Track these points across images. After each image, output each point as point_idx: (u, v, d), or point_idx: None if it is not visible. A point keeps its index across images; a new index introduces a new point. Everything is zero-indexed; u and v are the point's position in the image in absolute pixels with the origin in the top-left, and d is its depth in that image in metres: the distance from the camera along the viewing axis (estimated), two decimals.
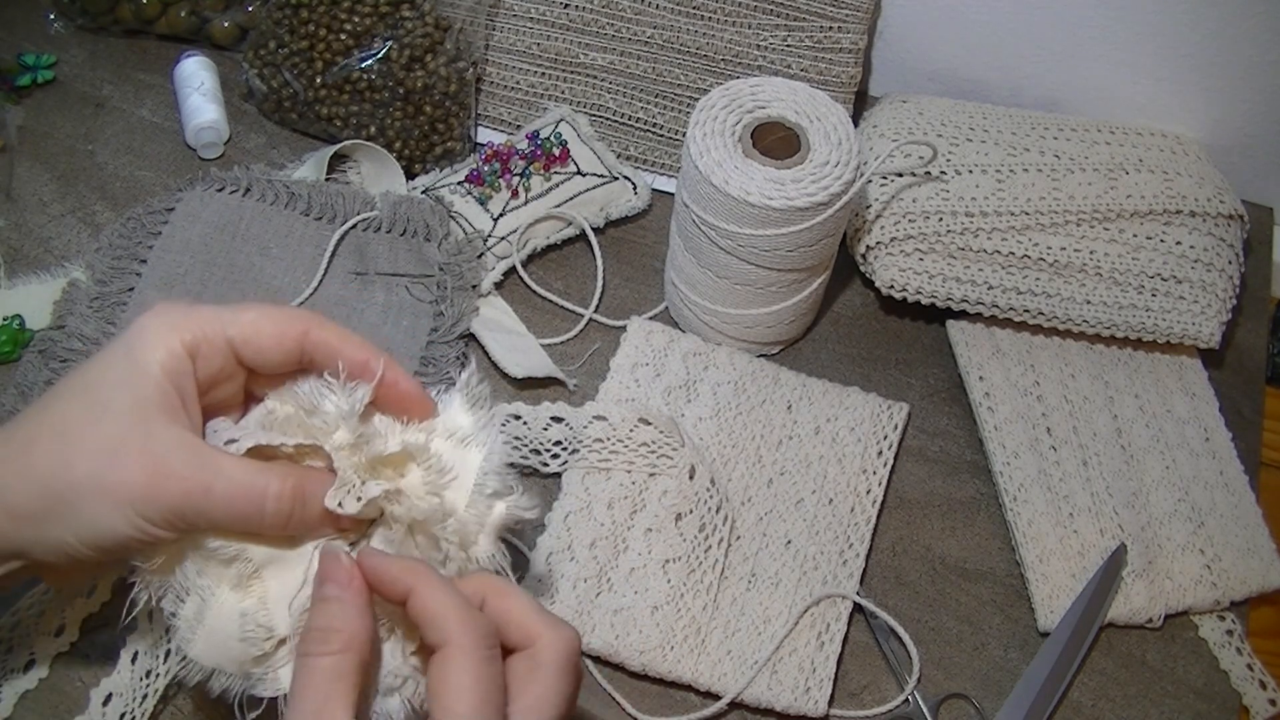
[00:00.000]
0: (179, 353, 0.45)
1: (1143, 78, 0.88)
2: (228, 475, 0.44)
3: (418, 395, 0.48)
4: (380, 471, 0.46)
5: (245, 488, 0.44)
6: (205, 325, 0.46)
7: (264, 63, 0.86)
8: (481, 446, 0.47)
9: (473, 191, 0.83)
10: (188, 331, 0.46)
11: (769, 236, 0.70)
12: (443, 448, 0.47)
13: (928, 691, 0.69)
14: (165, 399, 0.45)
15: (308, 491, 0.45)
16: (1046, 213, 0.78)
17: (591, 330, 0.82)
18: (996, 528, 0.76)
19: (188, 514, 0.44)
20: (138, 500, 0.43)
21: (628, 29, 0.88)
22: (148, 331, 0.46)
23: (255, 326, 0.47)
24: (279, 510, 0.44)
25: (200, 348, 0.46)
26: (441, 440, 0.47)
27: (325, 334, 0.47)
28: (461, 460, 0.46)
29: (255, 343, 0.47)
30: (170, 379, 0.45)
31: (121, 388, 0.45)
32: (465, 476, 0.46)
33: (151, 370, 0.45)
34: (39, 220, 0.83)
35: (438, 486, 0.45)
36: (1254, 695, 0.70)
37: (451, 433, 0.47)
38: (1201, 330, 0.78)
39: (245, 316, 0.47)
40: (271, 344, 0.47)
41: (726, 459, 0.74)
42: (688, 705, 0.68)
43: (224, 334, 0.47)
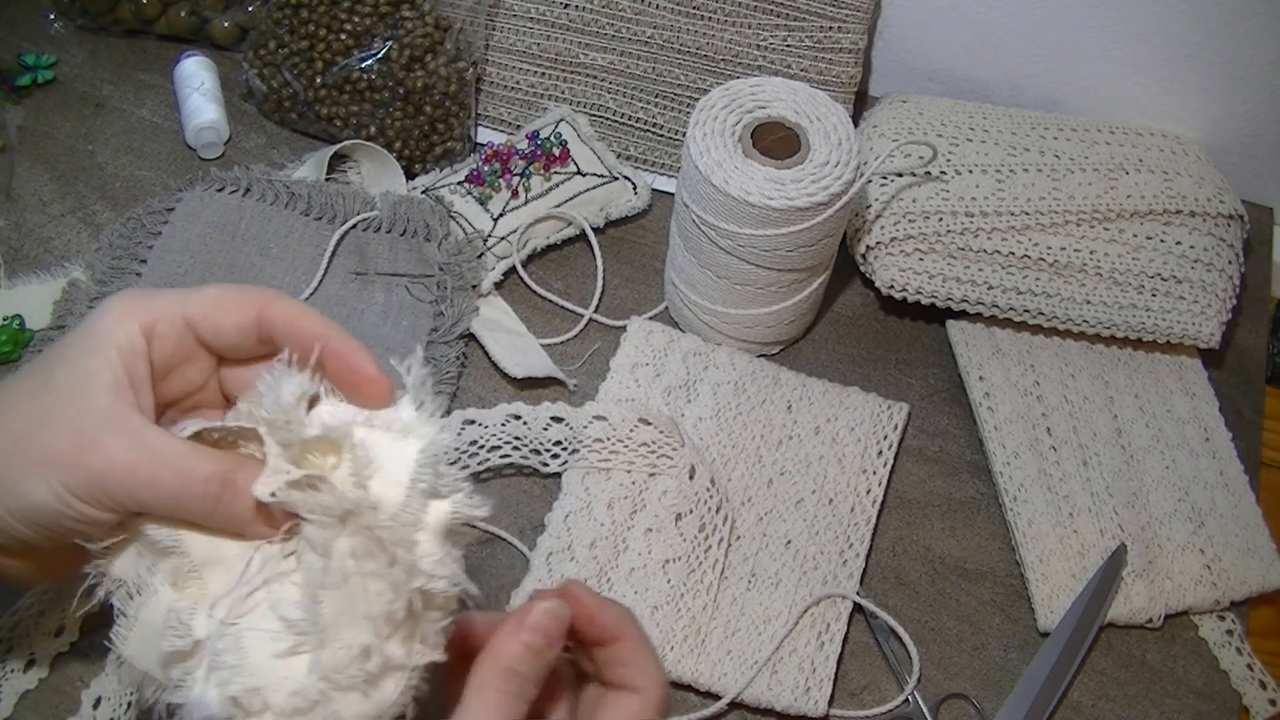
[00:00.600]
0: (134, 333, 0.45)
1: (1143, 78, 0.88)
2: (158, 453, 0.43)
3: (373, 376, 0.46)
4: (310, 462, 0.44)
5: (174, 469, 0.43)
6: (163, 305, 0.46)
7: (264, 63, 0.86)
8: (420, 439, 0.44)
9: (473, 191, 0.83)
10: (146, 313, 0.46)
11: (769, 236, 0.70)
12: (376, 439, 0.44)
13: (928, 691, 0.69)
14: (113, 376, 0.44)
15: (239, 480, 0.44)
16: (1046, 213, 0.78)
17: (591, 330, 0.82)
18: (996, 528, 0.76)
19: (113, 489, 0.43)
20: (61, 469, 0.42)
21: (628, 29, 0.88)
22: (106, 314, 0.45)
23: (213, 303, 0.46)
24: (206, 494, 0.43)
25: (156, 327, 0.46)
26: (380, 432, 0.45)
27: (281, 308, 0.46)
28: (396, 453, 0.44)
29: (213, 319, 0.46)
30: (122, 357, 0.44)
31: (70, 364, 0.45)
32: (400, 471, 0.43)
33: (104, 349, 0.44)
34: (39, 220, 0.83)
35: (362, 476, 0.43)
36: (1254, 695, 0.70)
37: (391, 425, 0.45)
38: (1201, 330, 0.78)
39: (204, 293, 0.47)
40: (228, 320, 0.46)
41: (726, 459, 0.74)
42: (688, 705, 0.68)
43: (181, 312, 0.46)
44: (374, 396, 0.46)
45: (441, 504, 0.43)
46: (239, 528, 0.44)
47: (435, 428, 0.44)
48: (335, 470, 0.43)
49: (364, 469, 0.43)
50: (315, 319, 0.46)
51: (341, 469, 0.43)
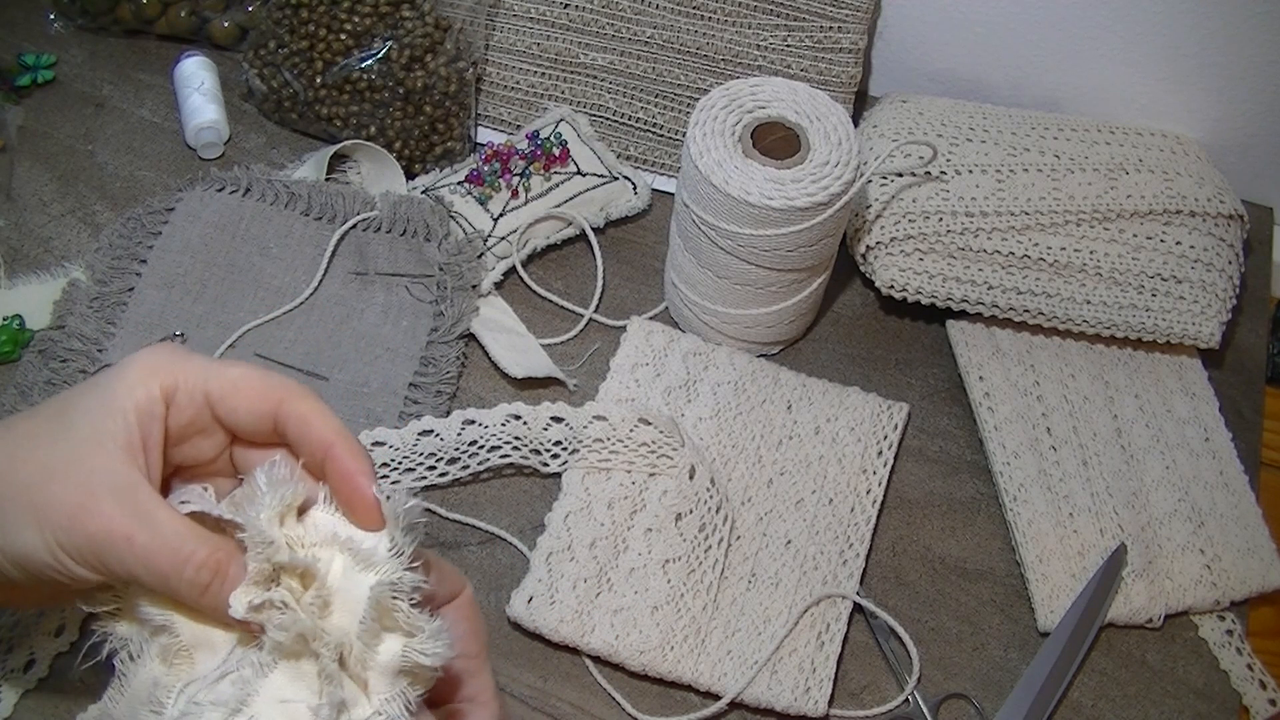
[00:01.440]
0: (154, 395, 0.44)
1: (1143, 78, 0.88)
2: (156, 528, 0.42)
3: (367, 500, 0.44)
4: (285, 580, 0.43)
5: (170, 547, 0.42)
6: (187, 373, 0.45)
7: (264, 63, 0.86)
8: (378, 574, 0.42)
9: (473, 191, 0.83)
10: (169, 376, 0.45)
11: (769, 236, 0.70)
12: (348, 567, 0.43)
13: (928, 691, 0.69)
14: (127, 437, 0.43)
15: (231, 571, 0.42)
16: (1046, 213, 0.78)
17: (591, 330, 0.82)
18: (996, 528, 0.76)
19: (106, 557, 0.42)
20: (59, 527, 0.42)
21: (628, 29, 0.88)
22: (131, 367, 0.45)
23: (234, 384, 0.46)
24: (195, 581, 0.42)
25: (177, 395, 0.45)
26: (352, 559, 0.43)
27: (299, 407, 0.45)
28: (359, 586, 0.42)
29: (231, 400, 0.45)
30: (139, 418, 0.44)
31: (88, 415, 0.44)
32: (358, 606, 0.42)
33: (122, 405, 0.44)
34: (39, 220, 0.83)
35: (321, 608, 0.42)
36: (1254, 695, 0.70)
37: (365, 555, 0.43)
38: (1201, 330, 0.78)
39: (229, 372, 0.46)
40: (245, 405, 0.46)
41: (726, 459, 0.74)
42: (688, 705, 0.68)
43: (203, 385, 0.45)
44: (364, 520, 0.44)
45: (394, 644, 0.42)
46: (222, 618, 0.43)
47: (399, 565, 0.42)
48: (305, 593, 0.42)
49: (325, 603, 0.42)
50: (329, 424, 0.45)
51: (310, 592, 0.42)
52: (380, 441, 0.71)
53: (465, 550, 0.72)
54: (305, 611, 0.41)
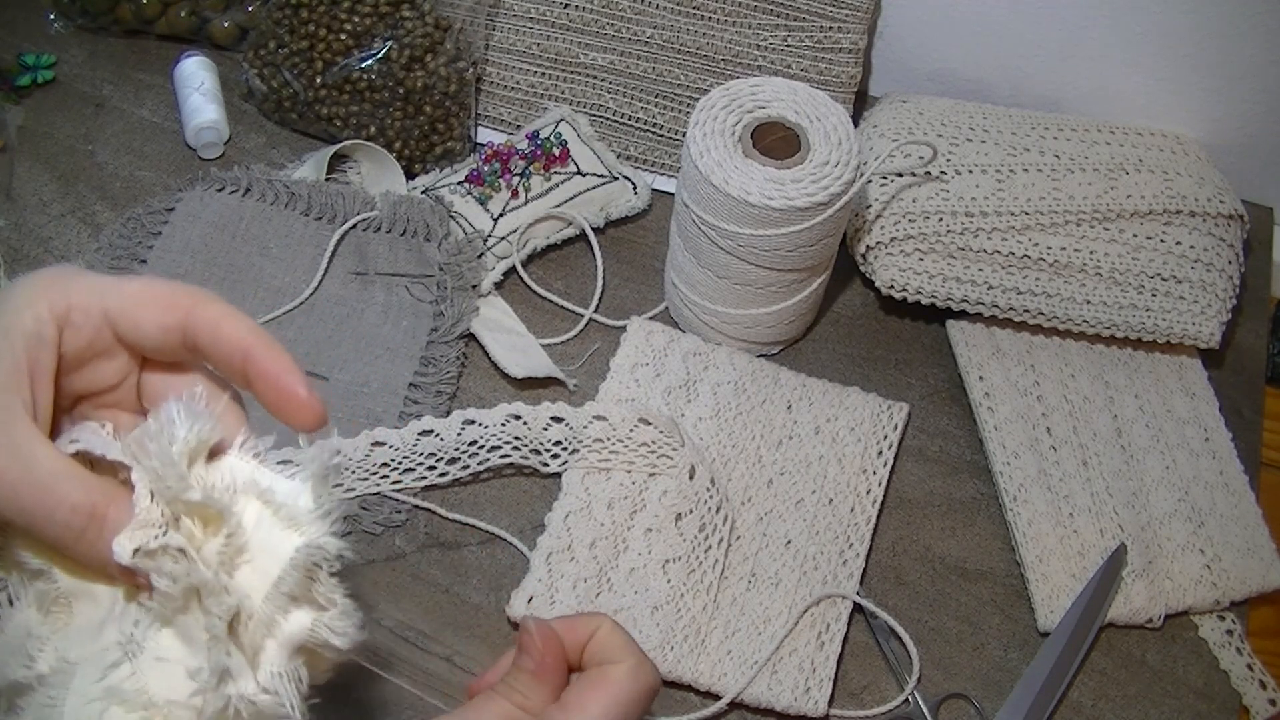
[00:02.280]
0: (44, 318, 0.40)
1: (1143, 78, 0.88)
2: (31, 465, 0.38)
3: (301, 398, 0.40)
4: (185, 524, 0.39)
5: (42, 486, 0.38)
6: (82, 292, 0.41)
7: (264, 63, 0.86)
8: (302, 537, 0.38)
9: (473, 191, 0.83)
10: (60, 298, 0.41)
11: (769, 236, 0.70)
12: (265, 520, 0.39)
13: (928, 691, 0.69)
14: (12, 364, 0.39)
15: (110, 518, 0.39)
16: (1046, 213, 0.78)
17: (591, 330, 0.82)
18: (996, 528, 0.76)
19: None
20: None
21: (628, 29, 0.88)
22: (15, 290, 0.41)
23: (135, 298, 0.41)
24: (68, 524, 0.38)
25: (71, 315, 0.41)
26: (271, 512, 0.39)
27: (210, 312, 0.41)
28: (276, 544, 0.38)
29: (133, 315, 0.41)
30: (25, 344, 0.40)
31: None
32: (273, 565, 0.38)
33: (6, 330, 0.40)
34: (39, 220, 0.83)
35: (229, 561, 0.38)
36: (1254, 695, 0.70)
37: (281, 507, 0.39)
38: (1201, 330, 0.78)
39: (128, 287, 0.42)
40: (150, 317, 0.41)
41: (726, 459, 0.74)
42: (688, 705, 0.68)
43: (101, 303, 0.41)
44: (302, 421, 0.40)
45: (303, 616, 0.38)
46: (99, 567, 0.40)
47: (324, 527, 0.38)
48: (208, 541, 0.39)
49: (236, 555, 0.38)
50: (243, 326, 0.41)
51: (215, 541, 0.39)
52: (380, 441, 0.71)
53: (465, 550, 0.72)
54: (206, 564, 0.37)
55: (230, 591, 0.37)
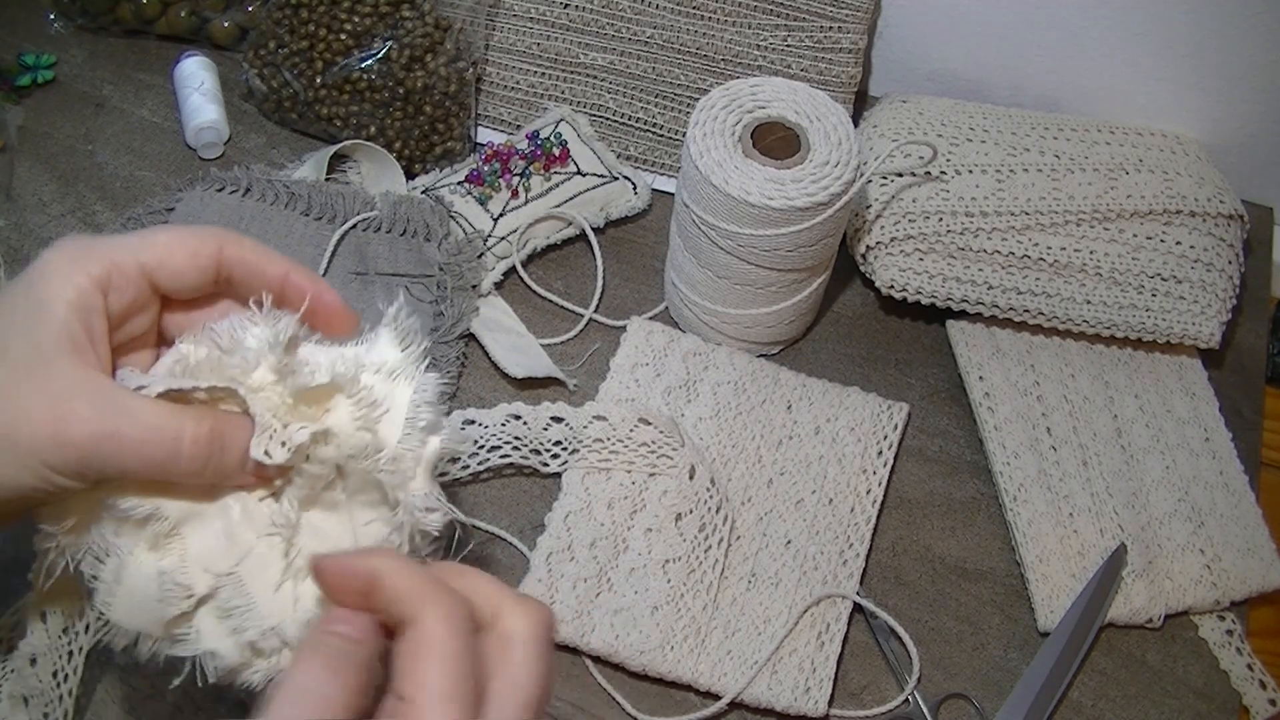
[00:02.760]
0: (86, 288, 0.42)
1: (1143, 78, 0.88)
2: (138, 418, 0.41)
3: (340, 309, 0.45)
4: (302, 411, 0.43)
5: (157, 431, 0.41)
6: (115, 254, 0.43)
7: (264, 63, 0.86)
8: (410, 380, 0.44)
9: (473, 191, 0.83)
10: (96, 264, 0.43)
11: (769, 236, 0.70)
12: (372, 381, 0.44)
13: (928, 691, 0.69)
14: (71, 338, 0.42)
15: (225, 435, 0.42)
16: (1046, 213, 0.78)
17: (591, 330, 0.82)
18: (996, 528, 0.76)
19: (96, 462, 0.41)
20: (43, 449, 0.40)
21: (628, 29, 0.88)
22: (51, 267, 0.42)
23: (168, 249, 0.44)
24: (194, 455, 0.41)
25: (112, 279, 0.43)
26: (370, 375, 0.44)
27: (240, 248, 0.45)
28: (391, 394, 0.44)
29: (169, 265, 0.44)
30: (78, 316, 0.42)
31: (22, 329, 0.42)
32: (396, 411, 0.44)
33: (55, 309, 0.42)
34: (39, 220, 0.83)
35: (370, 420, 0.43)
36: (1254, 695, 0.70)
37: (379, 367, 0.45)
38: (1201, 330, 0.78)
39: (157, 239, 0.44)
40: (186, 264, 0.44)
41: (726, 459, 0.74)
42: (688, 705, 0.68)
43: (136, 261, 0.44)
44: (343, 330, 0.45)
45: (434, 440, 0.44)
46: (225, 481, 0.43)
47: (422, 366, 0.45)
48: (329, 415, 0.43)
49: (372, 411, 0.43)
50: (275, 257, 0.45)
51: (339, 413, 0.43)
52: None
53: (465, 550, 0.72)
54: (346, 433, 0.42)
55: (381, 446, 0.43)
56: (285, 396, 0.43)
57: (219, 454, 0.42)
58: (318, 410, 0.44)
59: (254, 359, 0.43)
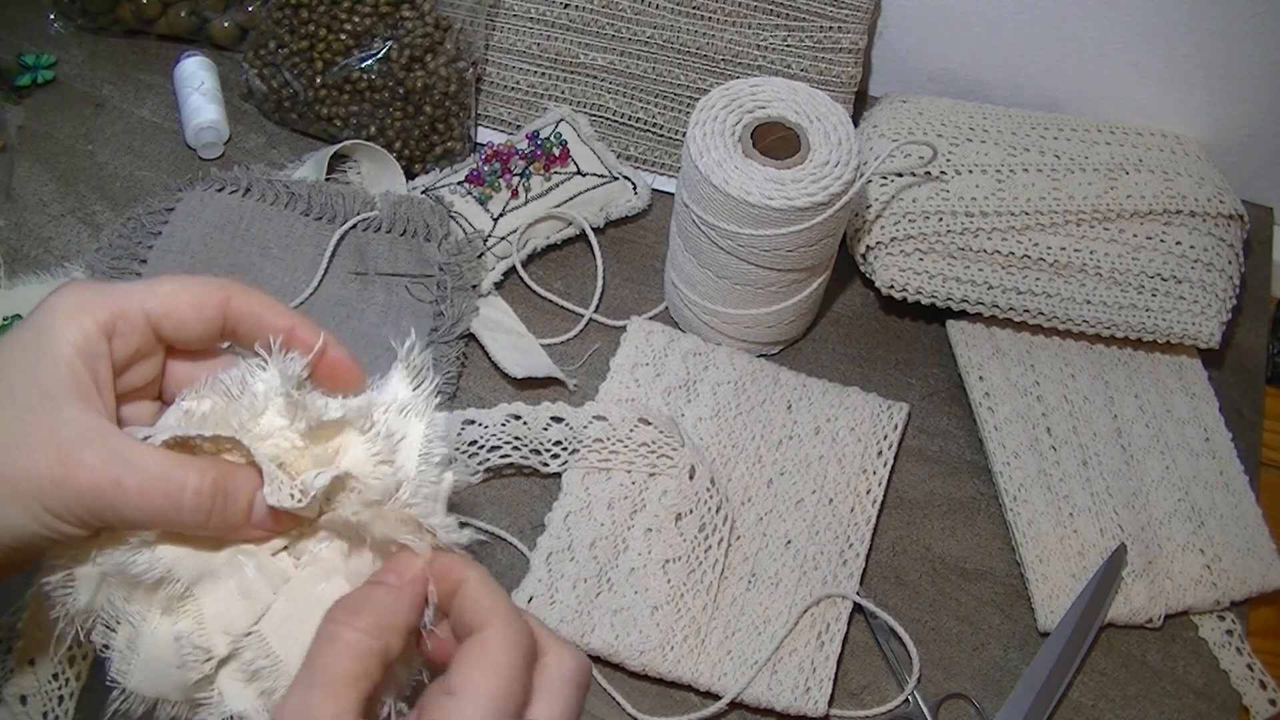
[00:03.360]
0: (92, 333, 0.42)
1: (1143, 78, 0.88)
2: (141, 466, 0.40)
3: (347, 362, 0.45)
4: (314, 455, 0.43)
5: (161, 480, 0.40)
6: (121, 301, 0.43)
7: (264, 63, 0.86)
8: (422, 417, 0.44)
9: (473, 191, 0.83)
10: (103, 310, 0.42)
11: (769, 236, 0.70)
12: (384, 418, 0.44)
13: (928, 691, 0.69)
14: (77, 383, 0.41)
15: (230, 486, 0.42)
16: (1046, 213, 0.78)
17: (591, 330, 0.82)
18: (996, 528, 0.76)
19: (98, 509, 0.40)
20: (45, 494, 0.40)
21: (628, 29, 0.88)
22: (57, 311, 0.42)
23: (173, 298, 0.44)
24: (198, 506, 0.41)
25: (117, 325, 0.43)
26: (381, 412, 0.44)
27: (247, 301, 0.44)
28: (404, 430, 0.44)
29: (175, 315, 0.44)
30: (83, 360, 0.42)
31: (28, 373, 0.41)
32: (409, 447, 0.43)
33: (61, 353, 0.41)
34: (39, 220, 0.83)
35: (388, 451, 0.43)
36: (1254, 695, 0.70)
37: (390, 405, 0.44)
38: (1201, 330, 0.78)
39: (162, 288, 0.44)
40: (191, 314, 0.44)
41: (726, 459, 0.74)
42: (688, 705, 0.68)
43: (141, 308, 0.43)
44: (349, 385, 0.45)
45: (448, 475, 0.44)
46: (231, 535, 0.43)
47: (434, 403, 0.45)
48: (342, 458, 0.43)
49: (390, 443, 0.43)
50: (282, 311, 0.45)
51: (353, 453, 0.43)
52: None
53: (465, 550, 0.72)
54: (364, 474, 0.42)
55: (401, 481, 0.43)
56: (296, 440, 0.43)
57: (223, 505, 0.42)
58: (330, 453, 0.43)
59: (262, 402, 0.43)
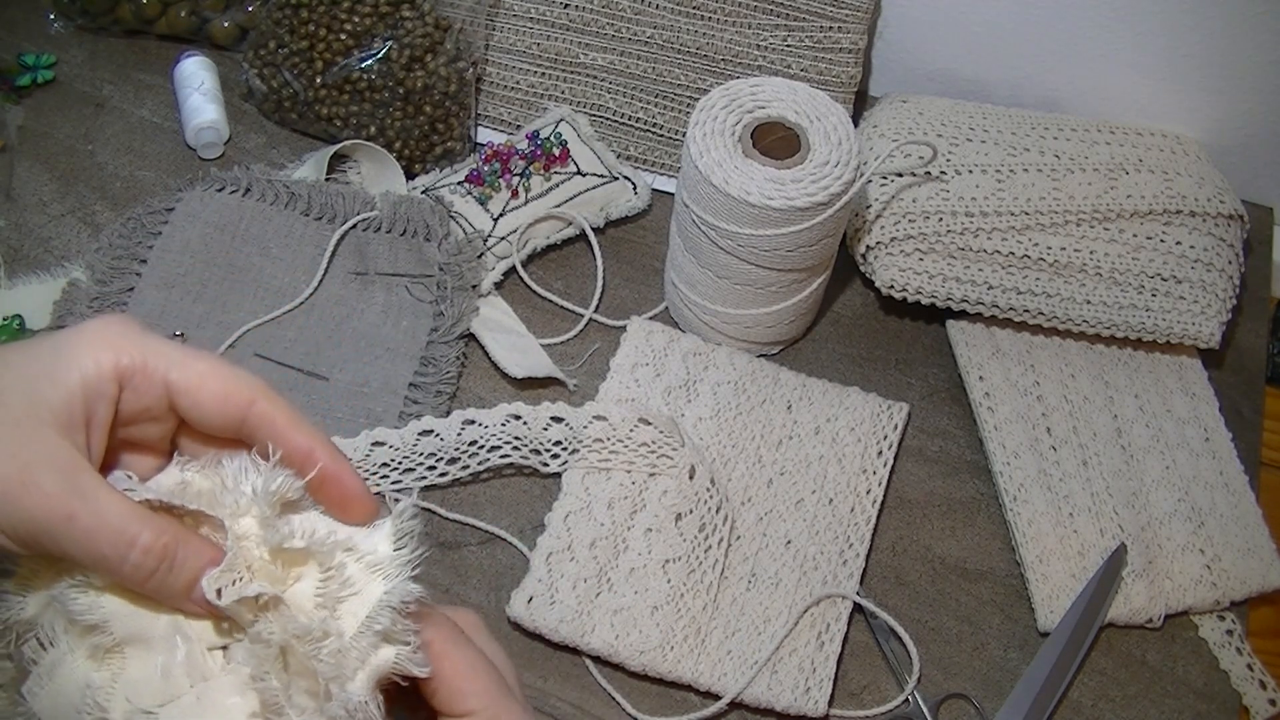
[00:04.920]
0: (107, 373, 0.41)
1: (1143, 78, 0.88)
2: (98, 509, 0.40)
3: (360, 495, 0.43)
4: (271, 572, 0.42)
5: (112, 529, 0.39)
6: (149, 358, 0.42)
7: (264, 63, 0.86)
8: (389, 579, 0.42)
9: (473, 191, 0.83)
10: (126, 355, 0.42)
11: (769, 236, 0.70)
12: (351, 566, 0.42)
13: (928, 691, 0.69)
14: (68, 412, 0.40)
15: (179, 557, 0.40)
16: (1046, 213, 0.78)
17: (591, 330, 0.82)
18: (996, 528, 0.76)
19: (42, 537, 0.39)
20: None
21: (628, 29, 0.88)
22: (82, 337, 0.42)
23: (201, 379, 0.43)
24: (141, 565, 0.40)
25: (134, 378, 0.42)
26: (353, 560, 0.42)
27: (272, 410, 0.43)
28: (365, 585, 0.42)
29: (195, 396, 0.43)
30: (84, 394, 0.41)
31: (27, 382, 0.41)
32: (361, 604, 0.41)
33: (67, 378, 0.41)
34: (39, 220, 0.83)
35: (331, 598, 0.41)
36: (1254, 695, 0.70)
37: (363, 554, 0.42)
38: (1201, 330, 0.78)
39: (195, 365, 0.43)
40: (213, 404, 0.43)
41: (726, 459, 0.74)
42: (688, 705, 0.68)
43: (164, 377, 0.42)
44: (358, 515, 0.43)
45: (387, 651, 0.41)
46: (169, 603, 0.42)
47: (407, 572, 0.42)
48: (294, 584, 0.42)
49: (338, 595, 0.41)
50: (305, 428, 0.43)
51: (303, 585, 0.41)
52: (380, 441, 0.71)
53: (465, 550, 0.72)
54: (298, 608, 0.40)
55: (330, 634, 0.40)
56: (264, 551, 0.41)
57: (166, 572, 0.41)
58: (285, 575, 0.42)
59: (245, 506, 0.42)
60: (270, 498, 0.42)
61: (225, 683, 0.42)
